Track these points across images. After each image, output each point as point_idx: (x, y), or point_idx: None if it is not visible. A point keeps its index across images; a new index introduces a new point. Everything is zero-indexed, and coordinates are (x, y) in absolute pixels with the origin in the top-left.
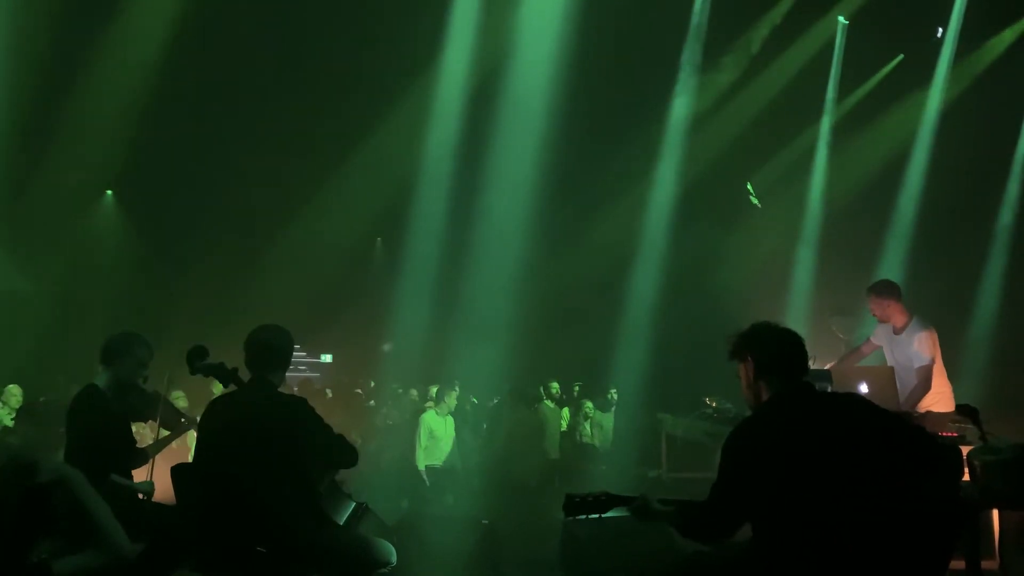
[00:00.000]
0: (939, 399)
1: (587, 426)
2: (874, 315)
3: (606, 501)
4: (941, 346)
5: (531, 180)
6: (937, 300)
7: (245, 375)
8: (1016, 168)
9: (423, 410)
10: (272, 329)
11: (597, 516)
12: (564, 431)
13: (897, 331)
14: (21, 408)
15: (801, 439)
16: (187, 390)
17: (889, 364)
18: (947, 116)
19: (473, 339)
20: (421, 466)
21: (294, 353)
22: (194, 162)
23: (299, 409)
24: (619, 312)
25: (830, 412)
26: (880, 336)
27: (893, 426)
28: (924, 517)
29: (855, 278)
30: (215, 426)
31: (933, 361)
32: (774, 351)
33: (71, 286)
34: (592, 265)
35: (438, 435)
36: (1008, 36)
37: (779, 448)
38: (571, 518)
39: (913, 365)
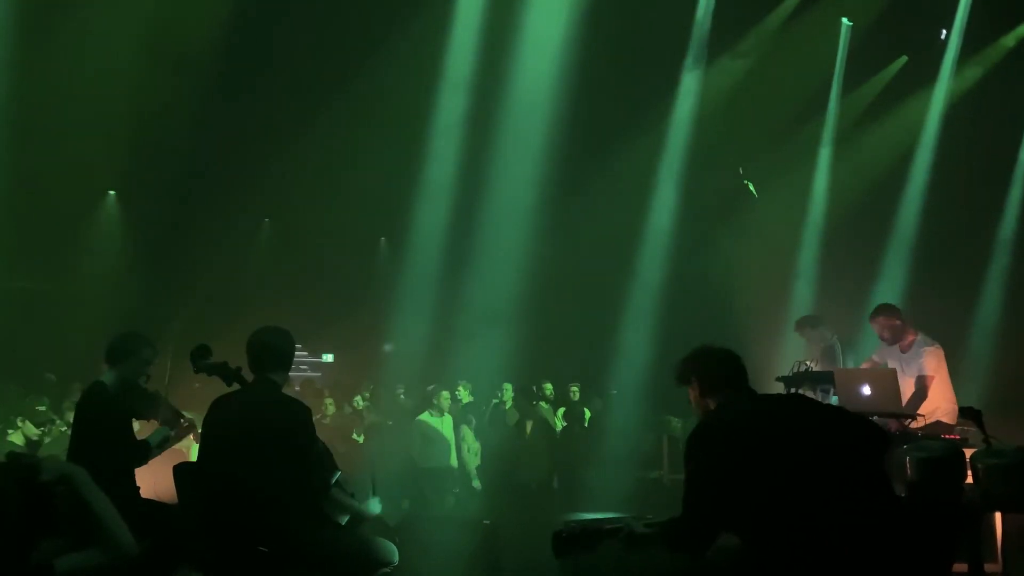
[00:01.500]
0: (946, 415)
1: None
2: (883, 338)
3: (593, 535)
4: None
5: (534, 179)
6: (939, 307)
7: (249, 377)
8: (1019, 175)
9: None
10: (272, 330)
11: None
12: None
13: (905, 349)
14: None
15: (753, 433)
16: (189, 390)
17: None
18: (950, 120)
19: (476, 339)
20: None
21: (295, 353)
22: (196, 162)
23: (301, 411)
24: (621, 312)
25: (776, 407)
26: (885, 355)
27: (837, 415)
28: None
29: (857, 285)
30: (217, 425)
31: (933, 375)
32: (714, 371)
33: (71, 286)
34: (595, 265)
35: (432, 437)
36: (1022, 31)
37: (734, 444)
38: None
39: (921, 374)
